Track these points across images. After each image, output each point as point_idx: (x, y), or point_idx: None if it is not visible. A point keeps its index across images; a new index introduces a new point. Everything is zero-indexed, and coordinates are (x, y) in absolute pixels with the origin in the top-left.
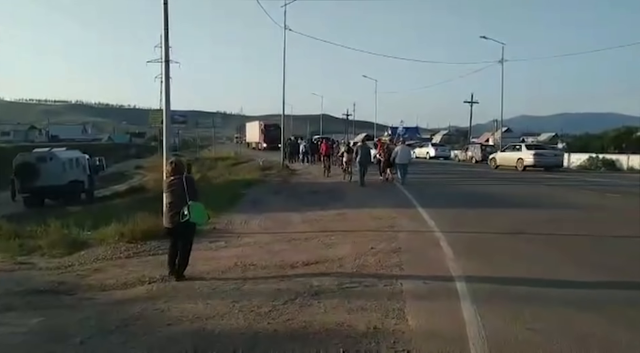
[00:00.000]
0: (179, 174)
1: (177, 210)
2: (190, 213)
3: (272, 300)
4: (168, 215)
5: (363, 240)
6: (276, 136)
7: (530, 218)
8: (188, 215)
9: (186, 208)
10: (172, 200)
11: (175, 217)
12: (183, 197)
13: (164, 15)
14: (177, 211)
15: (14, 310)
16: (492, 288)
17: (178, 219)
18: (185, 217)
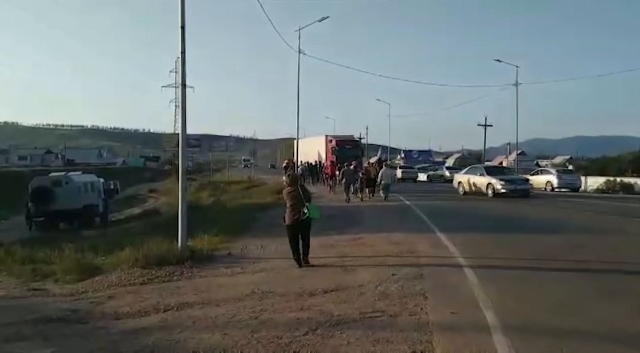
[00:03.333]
0: (294, 184)
1: (298, 211)
2: (309, 212)
3: (293, 330)
4: (290, 215)
5: (383, 266)
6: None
7: (554, 242)
8: (307, 213)
9: (305, 208)
10: (293, 203)
11: (296, 216)
12: (301, 200)
13: (181, 40)
14: (298, 211)
15: (26, 339)
16: (523, 320)
17: (299, 217)
18: (305, 215)
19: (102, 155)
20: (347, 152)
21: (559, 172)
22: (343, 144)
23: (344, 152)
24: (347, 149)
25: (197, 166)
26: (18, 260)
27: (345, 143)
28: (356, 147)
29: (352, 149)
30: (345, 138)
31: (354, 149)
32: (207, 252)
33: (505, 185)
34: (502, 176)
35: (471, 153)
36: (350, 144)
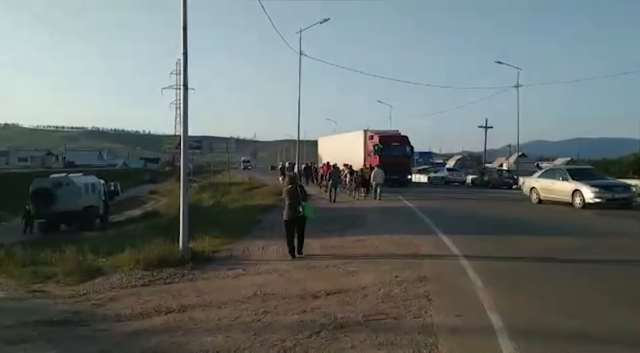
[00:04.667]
0: (293, 183)
1: (295, 208)
2: (304, 210)
3: (296, 333)
4: (288, 211)
5: (386, 268)
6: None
7: (556, 244)
8: (302, 211)
9: (300, 207)
10: (291, 201)
11: (293, 213)
12: (298, 199)
13: (183, 41)
14: (295, 208)
15: (28, 341)
16: (529, 323)
17: (296, 214)
18: (300, 213)
19: (103, 156)
20: (394, 151)
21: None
22: (389, 142)
23: (391, 151)
24: (394, 147)
25: (197, 167)
26: (19, 261)
27: (391, 140)
28: (405, 145)
29: (399, 147)
30: (391, 134)
31: (402, 147)
32: (208, 254)
33: (600, 193)
34: (594, 181)
35: (471, 155)
36: (398, 140)
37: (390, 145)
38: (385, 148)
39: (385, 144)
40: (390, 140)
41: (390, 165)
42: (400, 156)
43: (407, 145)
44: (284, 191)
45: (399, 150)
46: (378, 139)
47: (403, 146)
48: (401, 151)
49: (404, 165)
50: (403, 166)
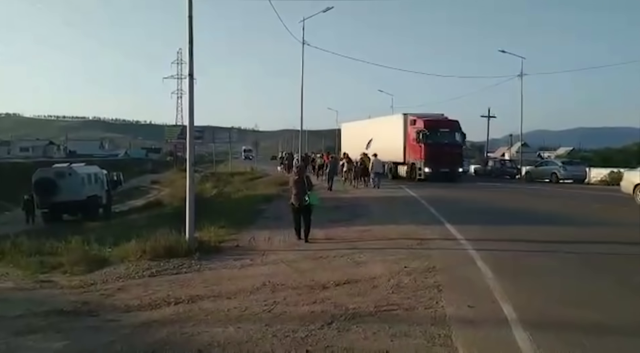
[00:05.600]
0: (300, 174)
1: (301, 197)
2: (310, 199)
3: (307, 324)
4: (296, 199)
5: (394, 258)
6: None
7: (569, 234)
8: (308, 199)
9: (307, 195)
10: (298, 190)
11: (299, 201)
12: (304, 188)
13: (189, 30)
14: (301, 198)
15: (37, 332)
16: (543, 313)
17: (302, 202)
18: (306, 201)
19: (104, 146)
20: (443, 138)
21: (564, 163)
22: (437, 127)
23: (439, 138)
24: (443, 133)
25: (198, 157)
26: (25, 252)
27: (439, 125)
28: (455, 131)
29: (449, 134)
30: (438, 117)
31: (452, 134)
32: (215, 244)
33: None
34: None
35: (473, 144)
36: (447, 126)
37: (438, 131)
38: (432, 135)
39: (432, 130)
40: (438, 125)
41: (439, 156)
42: (451, 144)
43: (457, 132)
44: (290, 181)
45: (448, 137)
46: (423, 124)
47: (453, 132)
48: (451, 138)
49: (455, 155)
50: (454, 157)
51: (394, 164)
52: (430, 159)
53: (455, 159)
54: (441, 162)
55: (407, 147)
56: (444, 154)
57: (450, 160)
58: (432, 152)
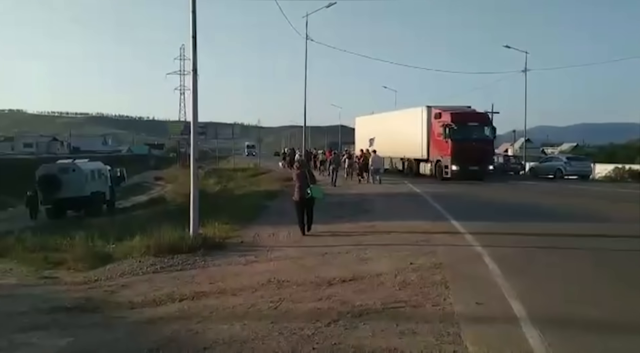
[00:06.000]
0: (303, 168)
1: (304, 190)
2: (312, 192)
3: (314, 321)
4: (298, 193)
5: (400, 255)
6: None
7: (576, 230)
8: (310, 193)
9: (309, 189)
10: (300, 184)
11: (303, 194)
12: (307, 182)
13: (192, 24)
14: (304, 191)
15: (41, 329)
16: (552, 311)
17: (304, 195)
18: (308, 194)
19: (107, 142)
20: (472, 132)
21: (569, 159)
22: (465, 121)
23: (467, 133)
24: (472, 127)
25: (201, 154)
26: (29, 247)
27: (468, 118)
28: (485, 125)
29: (478, 128)
30: (465, 110)
31: (481, 128)
32: (218, 240)
33: None
34: None
35: None
36: (477, 119)
37: (466, 125)
38: (460, 129)
39: (459, 124)
40: (466, 118)
41: (467, 153)
42: (480, 140)
43: (487, 125)
44: (293, 175)
45: (477, 132)
46: (450, 117)
47: (482, 126)
48: (480, 133)
49: (485, 152)
50: (483, 153)
51: (415, 161)
52: (458, 156)
53: (485, 155)
54: (470, 159)
55: (431, 142)
56: (473, 150)
57: (480, 157)
58: (460, 148)
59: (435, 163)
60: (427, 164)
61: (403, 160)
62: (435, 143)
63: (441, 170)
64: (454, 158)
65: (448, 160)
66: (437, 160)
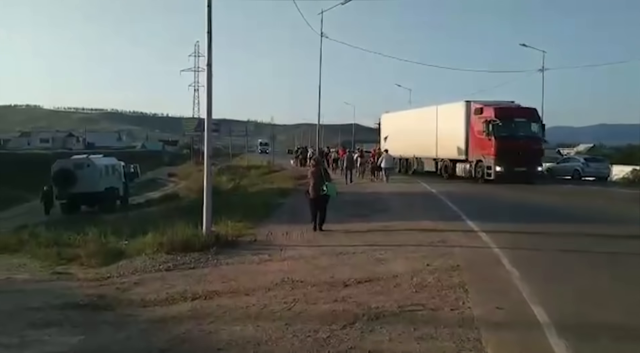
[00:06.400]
0: (318, 166)
1: (319, 188)
2: (327, 189)
3: (329, 323)
4: (313, 190)
5: (416, 256)
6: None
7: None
8: (326, 190)
9: (324, 186)
10: (315, 181)
11: (317, 192)
12: (322, 179)
13: (208, 19)
14: (319, 188)
15: (53, 325)
16: (576, 317)
17: (319, 193)
18: (323, 191)
19: (122, 138)
20: (519, 129)
21: (587, 159)
22: (511, 116)
23: (513, 130)
24: (519, 124)
25: (215, 151)
26: (42, 242)
27: (514, 114)
28: (533, 122)
29: (526, 125)
30: (510, 105)
31: (529, 125)
32: (231, 238)
33: None
34: None
35: None
36: (524, 115)
37: (512, 121)
38: (506, 126)
39: (505, 120)
40: (512, 114)
41: (514, 152)
42: (528, 137)
43: (536, 122)
44: (309, 173)
45: (525, 129)
46: (493, 113)
47: (530, 122)
48: (528, 130)
49: (534, 151)
50: (532, 153)
51: (451, 162)
52: (504, 156)
53: (534, 155)
54: (517, 160)
55: (470, 141)
56: (521, 149)
57: (528, 157)
58: (505, 147)
59: (475, 163)
60: (465, 164)
61: (436, 161)
62: (476, 141)
63: (482, 171)
64: (498, 158)
65: (491, 160)
66: (477, 160)
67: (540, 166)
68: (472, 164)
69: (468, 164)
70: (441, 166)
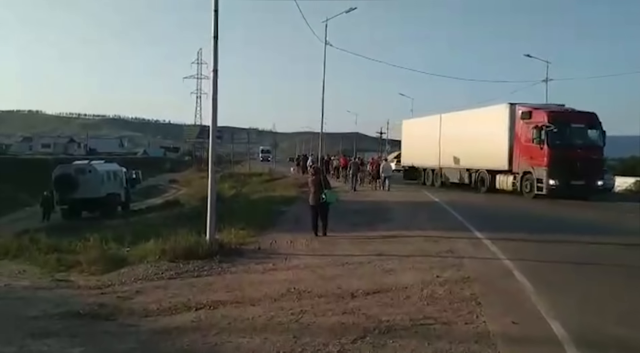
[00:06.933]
0: (318, 174)
1: (319, 195)
2: (326, 197)
3: (339, 337)
4: (314, 198)
5: (424, 267)
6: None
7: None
8: (325, 197)
9: (324, 194)
10: (315, 189)
11: (317, 199)
12: (321, 187)
13: (214, 24)
14: (318, 195)
15: (53, 335)
16: (595, 333)
17: (319, 200)
18: (323, 199)
19: (123, 144)
20: (577, 137)
21: None
22: (566, 121)
23: (570, 137)
24: (577, 130)
25: (217, 158)
26: (42, 248)
27: (569, 118)
28: (592, 127)
29: (584, 131)
30: (565, 109)
31: (587, 131)
32: (235, 247)
33: None
34: None
35: None
36: (582, 120)
37: (568, 127)
38: (562, 132)
39: (561, 125)
40: (568, 118)
41: (571, 163)
42: (588, 146)
43: (595, 128)
44: (309, 180)
45: (583, 136)
46: (546, 117)
47: (588, 129)
48: (586, 138)
49: (594, 162)
50: (592, 164)
51: (489, 173)
52: (559, 167)
53: (593, 166)
54: (575, 172)
55: (515, 149)
56: (579, 160)
57: (586, 169)
58: (561, 157)
59: (521, 176)
60: (508, 176)
61: (470, 172)
62: (523, 150)
63: (531, 184)
64: (552, 169)
65: (542, 172)
66: (524, 172)
67: (601, 179)
68: (517, 175)
69: (512, 175)
70: (476, 178)
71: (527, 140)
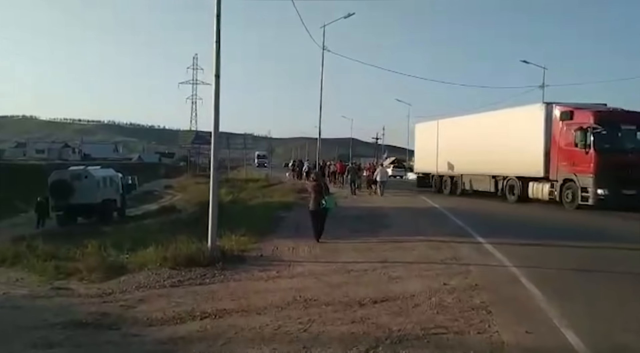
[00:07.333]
0: (318, 180)
1: (319, 201)
2: (326, 203)
3: (350, 347)
4: (314, 203)
5: (430, 274)
6: None
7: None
8: (325, 203)
9: (324, 200)
10: (315, 195)
11: (317, 205)
12: (321, 193)
13: (216, 29)
14: (318, 201)
15: (55, 346)
16: (614, 344)
17: (319, 206)
18: (323, 205)
19: (118, 150)
20: (627, 140)
21: None
22: (615, 122)
23: (620, 140)
24: (627, 132)
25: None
26: (40, 255)
27: (618, 119)
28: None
29: (633, 134)
30: (612, 109)
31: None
32: (237, 253)
33: None
34: None
35: None
36: (632, 120)
37: (618, 129)
38: (611, 135)
39: (608, 127)
40: (618, 119)
41: (622, 170)
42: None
43: None
44: (309, 187)
45: (634, 140)
46: (592, 117)
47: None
48: (638, 141)
49: None
50: None
51: (520, 181)
52: (608, 174)
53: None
54: (626, 180)
55: (553, 154)
56: (631, 166)
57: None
58: (610, 162)
59: (561, 183)
60: (544, 184)
61: (497, 179)
62: (563, 154)
63: (574, 194)
64: (600, 177)
65: (588, 180)
66: (564, 179)
67: None
68: (555, 183)
69: (549, 183)
70: (504, 185)
71: (567, 144)
